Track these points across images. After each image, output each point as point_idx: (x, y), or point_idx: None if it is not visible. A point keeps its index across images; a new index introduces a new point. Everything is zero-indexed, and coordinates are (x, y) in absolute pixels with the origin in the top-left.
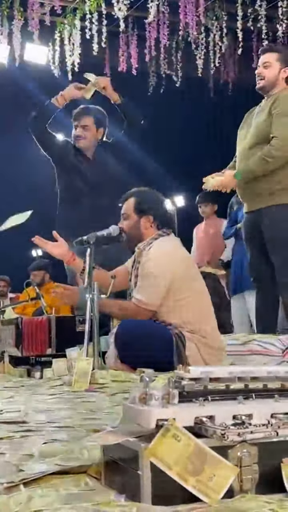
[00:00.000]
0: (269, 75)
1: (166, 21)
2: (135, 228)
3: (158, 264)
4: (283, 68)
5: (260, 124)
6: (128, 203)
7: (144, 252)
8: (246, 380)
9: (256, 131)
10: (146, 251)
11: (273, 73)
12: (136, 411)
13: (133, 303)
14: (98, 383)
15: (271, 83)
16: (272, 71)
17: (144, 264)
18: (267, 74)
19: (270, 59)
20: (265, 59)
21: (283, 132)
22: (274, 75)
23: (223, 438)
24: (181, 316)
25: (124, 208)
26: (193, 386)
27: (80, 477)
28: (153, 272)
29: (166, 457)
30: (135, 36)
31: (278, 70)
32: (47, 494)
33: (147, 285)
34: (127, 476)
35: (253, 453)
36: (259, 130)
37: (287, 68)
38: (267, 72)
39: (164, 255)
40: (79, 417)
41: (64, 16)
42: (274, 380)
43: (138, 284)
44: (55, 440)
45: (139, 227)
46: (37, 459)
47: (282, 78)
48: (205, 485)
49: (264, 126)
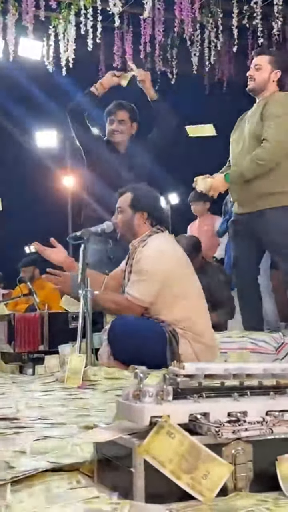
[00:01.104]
0: (259, 78)
1: (161, 17)
2: (129, 223)
3: (152, 260)
4: (274, 71)
5: (253, 128)
6: (124, 198)
7: (138, 249)
8: (241, 377)
9: (249, 135)
10: (141, 248)
11: (264, 76)
12: (129, 408)
13: (126, 299)
14: (90, 380)
15: (261, 85)
16: (263, 74)
17: (138, 261)
18: (257, 76)
19: (262, 61)
20: (257, 61)
21: (273, 135)
22: (264, 77)
23: (218, 435)
24: (175, 313)
25: (120, 202)
26: (187, 382)
27: (72, 475)
28: (147, 269)
29: (160, 454)
30: (130, 32)
31: (269, 73)
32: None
33: (140, 281)
34: (120, 474)
35: (248, 451)
36: (251, 134)
37: (279, 71)
38: (258, 74)
39: (158, 252)
40: (72, 414)
41: (59, 11)
42: (270, 377)
43: (132, 279)
44: (47, 437)
45: (133, 223)
46: (28, 456)
47: (273, 80)
48: (199, 483)
49: (256, 129)
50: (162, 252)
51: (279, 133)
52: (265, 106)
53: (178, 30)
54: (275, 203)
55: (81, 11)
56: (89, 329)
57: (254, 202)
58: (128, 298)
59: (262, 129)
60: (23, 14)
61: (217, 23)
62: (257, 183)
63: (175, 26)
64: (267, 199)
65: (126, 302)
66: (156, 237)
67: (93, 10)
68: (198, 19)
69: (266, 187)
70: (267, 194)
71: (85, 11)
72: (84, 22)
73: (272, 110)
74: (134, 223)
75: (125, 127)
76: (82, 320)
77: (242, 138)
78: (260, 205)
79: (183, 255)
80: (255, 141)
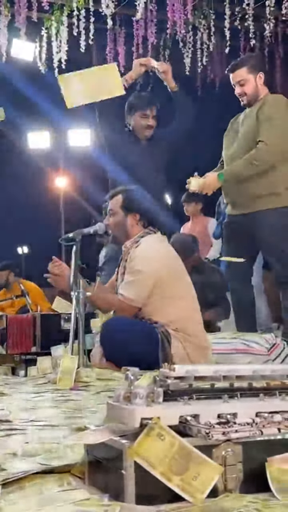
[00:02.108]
0: (249, 91)
1: (154, 19)
2: (121, 225)
3: (145, 261)
4: (256, 75)
5: (248, 130)
6: (115, 200)
7: (131, 250)
8: (231, 378)
9: (244, 137)
10: (133, 249)
11: (251, 87)
12: (120, 410)
13: (118, 299)
14: (83, 381)
15: (254, 95)
16: (250, 85)
17: (131, 262)
18: (246, 90)
19: (242, 74)
20: (237, 78)
21: (269, 136)
22: (253, 87)
23: (208, 437)
24: (167, 314)
25: (112, 205)
26: (178, 384)
27: (63, 477)
28: (140, 269)
29: (150, 456)
30: (122, 33)
31: (254, 81)
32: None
33: (133, 282)
34: (111, 476)
35: (238, 452)
36: (247, 136)
37: (260, 72)
38: (246, 89)
39: (151, 253)
40: (63, 415)
41: (51, 13)
42: (259, 379)
43: (125, 280)
44: (38, 438)
45: (126, 224)
46: (20, 458)
47: (261, 84)
48: (189, 485)
49: (252, 131)
50: (154, 252)
51: (275, 135)
52: (260, 109)
53: (170, 31)
54: (269, 204)
55: (73, 12)
56: (81, 330)
57: (248, 204)
58: (121, 298)
59: (257, 131)
60: (15, 15)
61: (210, 24)
62: (250, 184)
63: (167, 27)
64: (260, 200)
65: (118, 303)
66: (149, 238)
67: (85, 11)
68: (190, 20)
69: (260, 189)
70: (260, 195)
71: (78, 12)
72: (76, 24)
73: (267, 112)
74: (127, 225)
75: (155, 121)
76: (74, 321)
77: (236, 140)
78: (254, 206)
79: (175, 256)
80: (250, 142)
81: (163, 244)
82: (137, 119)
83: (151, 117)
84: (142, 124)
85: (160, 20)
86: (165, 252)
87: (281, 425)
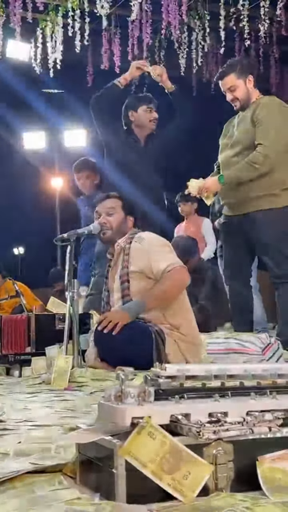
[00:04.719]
0: (240, 95)
1: (149, 19)
2: (122, 224)
3: (157, 238)
4: (246, 79)
5: (244, 133)
6: (114, 200)
7: (127, 245)
8: (222, 378)
9: (240, 140)
10: (133, 242)
11: (243, 92)
12: (111, 409)
13: (169, 273)
14: (77, 381)
15: (246, 100)
16: (241, 90)
17: (141, 248)
18: (238, 95)
19: (232, 80)
20: (228, 84)
21: (267, 139)
22: (244, 92)
23: (199, 436)
24: (161, 313)
25: (109, 205)
26: (169, 384)
27: (55, 476)
28: (161, 243)
29: (141, 455)
30: (117, 34)
31: (245, 86)
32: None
33: (164, 252)
34: (102, 475)
35: (229, 451)
36: (243, 138)
37: (249, 75)
38: (238, 94)
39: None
40: (57, 415)
41: (46, 13)
42: (251, 378)
43: (154, 258)
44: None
45: (126, 224)
46: (12, 458)
47: (251, 87)
48: (180, 483)
49: (248, 134)
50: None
51: (273, 137)
52: (255, 112)
53: (165, 32)
54: (265, 205)
55: (68, 13)
56: (75, 330)
57: (244, 205)
58: (170, 268)
59: (253, 133)
60: (10, 15)
61: (204, 25)
62: (248, 186)
63: (162, 28)
64: (257, 201)
65: (170, 277)
66: (142, 232)
67: (80, 12)
68: (185, 21)
69: (257, 191)
70: (257, 197)
71: (73, 13)
72: (71, 24)
73: (264, 115)
74: (127, 225)
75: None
76: (69, 321)
77: (234, 143)
78: (250, 207)
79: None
80: (248, 145)
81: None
82: (142, 113)
83: (155, 110)
84: (147, 116)
85: (155, 21)
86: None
87: (271, 424)
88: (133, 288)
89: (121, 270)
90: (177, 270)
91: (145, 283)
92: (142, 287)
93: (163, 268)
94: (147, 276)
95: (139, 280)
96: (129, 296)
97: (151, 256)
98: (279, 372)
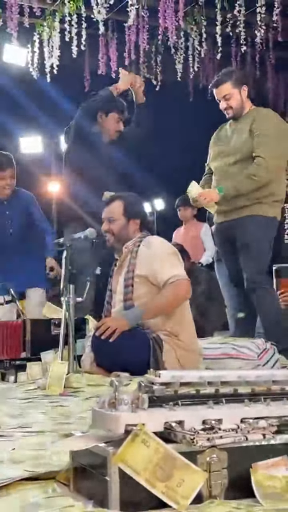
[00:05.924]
0: (234, 104)
1: (146, 25)
2: (124, 230)
3: (166, 245)
4: (240, 89)
5: (242, 142)
6: (114, 206)
7: (135, 249)
8: (216, 384)
9: (238, 149)
10: (141, 246)
11: (237, 101)
12: (105, 416)
13: (172, 285)
14: (72, 387)
15: (239, 109)
16: (235, 99)
17: (149, 253)
18: (233, 104)
19: (227, 89)
20: (223, 92)
21: (265, 152)
22: (238, 101)
23: (193, 443)
24: (159, 320)
25: (110, 211)
26: (163, 390)
27: (48, 483)
28: (169, 250)
29: (135, 462)
30: (114, 39)
31: (239, 95)
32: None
33: (170, 260)
34: (96, 482)
35: (223, 458)
36: (241, 148)
37: (244, 85)
38: (232, 102)
39: (163, 240)
40: (52, 421)
41: (43, 18)
42: (245, 384)
43: (158, 268)
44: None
45: (128, 230)
46: (6, 465)
47: (245, 97)
48: (174, 491)
49: (246, 144)
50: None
51: (271, 150)
52: (253, 123)
53: (162, 37)
54: (254, 211)
55: (65, 18)
56: (71, 335)
57: (235, 211)
58: (173, 280)
59: (251, 144)
60: (7, 20)
61: (201, 31)
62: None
63: (159, 33)
64: (247, 208)
65: (173, 289)
66: (151, 237)
67: (77, 17)
68: (182, 26)
69: (247, 200)
70: (247, 205)
71: (70, 18)
72: (68, 29)
73: (262, 127)
74: (129, 231)
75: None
76: (64, 326)
77: (231, 152)
78: (240, 213)
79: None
80: (246, 155)
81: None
82: (111, 120)
83: (122, 122)
84: (114, 126)
85: (152, 26)
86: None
87: (266, 431)
88: (136, 293)
89: (126, 273)
90: (179, 283)
91: (148, 289)
92: (145, 293)
93: (167, 278)
94: (151, 282)
95: (142, 284)
96: (131, 300)
97: (157, 263)
98: (273, 379)
